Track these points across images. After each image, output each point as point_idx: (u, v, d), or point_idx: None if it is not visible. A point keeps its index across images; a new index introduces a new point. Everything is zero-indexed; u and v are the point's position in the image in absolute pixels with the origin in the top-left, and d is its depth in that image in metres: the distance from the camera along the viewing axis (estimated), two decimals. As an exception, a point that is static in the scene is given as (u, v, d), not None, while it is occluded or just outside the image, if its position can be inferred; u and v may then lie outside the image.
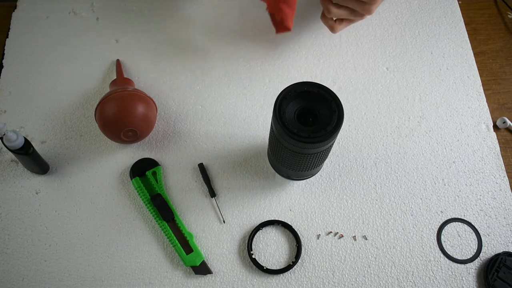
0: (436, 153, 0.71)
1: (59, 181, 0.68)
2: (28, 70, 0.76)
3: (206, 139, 0.72)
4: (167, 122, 0.73)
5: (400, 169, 0.70)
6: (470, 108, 0.75)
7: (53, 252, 0.63)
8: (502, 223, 0.67)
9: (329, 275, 0.63)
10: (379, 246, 0.65)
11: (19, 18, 0.81)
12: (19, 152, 0.61)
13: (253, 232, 0.65)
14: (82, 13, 0.81)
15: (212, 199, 0.67)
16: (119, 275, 0.62)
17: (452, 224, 0.67)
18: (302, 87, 0.56)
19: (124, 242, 0.64)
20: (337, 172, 0.70)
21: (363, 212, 0.67)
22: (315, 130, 0.54)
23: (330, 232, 0.66)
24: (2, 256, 0.63)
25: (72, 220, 0.65)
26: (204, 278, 0.62)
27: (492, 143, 0.72)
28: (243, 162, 0.70)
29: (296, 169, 0.62)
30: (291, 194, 0.68)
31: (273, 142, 0.60)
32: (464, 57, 0.79)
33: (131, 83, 0.72)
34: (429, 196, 0.68)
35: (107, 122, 0.65)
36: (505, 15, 0.86)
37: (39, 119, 0.72)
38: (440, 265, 0.64)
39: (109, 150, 0.70)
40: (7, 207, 0.66)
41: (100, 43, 0.79)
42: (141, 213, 0.66)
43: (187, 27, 0.80)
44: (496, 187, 0.69)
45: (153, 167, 0.68)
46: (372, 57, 0.79)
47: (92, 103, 0.73)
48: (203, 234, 0.65)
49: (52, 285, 0.62)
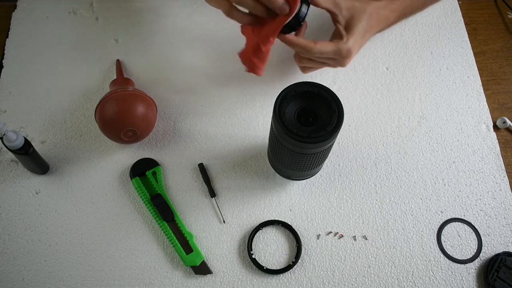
0: (436, 153, 0.71)
1: (59, 181, 0.68)
2: (28, 70, 0.76)
3: (206, 139, 0.72)
4: (167, 122, 0.73)
5: (400, 169, 0.70)
6: (470, 108, 0.75)
7: (53, 252, 0.63)
8: (502, 223, 0.67)
9: (329, 275, 0.63)
10: (379, 246, 0.65)
11: (19, 18, 0.81)
12: (19, 152, 0.61)
13: (253, 232, 0.65)
14: (82, 13, 0.81)
15: (212, 199, 0.67)
16: (119, 275, 0.62)
17: (452, 224, 0.67)
18: (302, 87, 0.56)
19: (124, 242, 0.64)
20: (337, 172, 0.70)
21: (363, 212, 0.67)
22: (315, 130, 0.54)
23: (330, 232, 0.66)
24: (2, 256, 0.63)
25: (72, 220, 0.65)
26: (204, 278, 0.62)
27: (492, 143, 0.72)
28: (243, 162, 0.70)
29: (296, 169, 0.62)
30: (291, 194, 0.68)
31: (273, 142, 0.60)
32: (464, 57, 0.79)
33: (131, 83, 0.72)
34: (429, 196, 0.68)
35: (107, 122, 0.65)
36: (505, 15, 0.86)
37: (39, 119, 0.72)
38: (440, 265, 0.64)
39: (109, 150, 0.70)
40: (7, 207, 0.66)
41: (100, 43, 0.79)
42: (141, 213, 0.66)
43: (187, 27, 0.80)
44: (496, 187, 0.69)
45: (153, 167, 0.68)
46: (372, 57, 0.79)
47: (92, 103, 0.73)
48: (203, 234, 0.65)
49: (52, 285, 0.62)
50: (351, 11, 0.65)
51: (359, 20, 0.65)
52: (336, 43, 0.64)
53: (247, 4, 0.59)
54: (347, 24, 0.65)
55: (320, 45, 0.63)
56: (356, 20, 0.65)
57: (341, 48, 0.64)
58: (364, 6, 0.66)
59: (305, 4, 0.60)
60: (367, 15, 0.66)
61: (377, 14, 0.68)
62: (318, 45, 0.62)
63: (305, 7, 0.60)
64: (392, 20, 0.71)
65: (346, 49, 0.64)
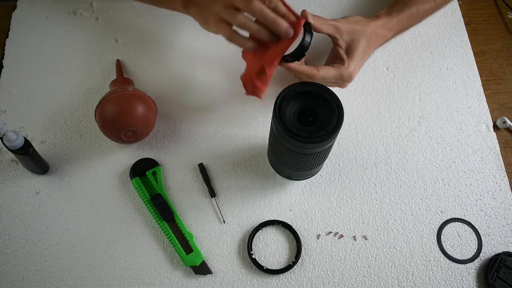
0: (436, 153, 0.71)
1: (59, 181, 0.68)
2: (28, 70, 0.76)
3: (206, 139, 0.72)
4: (167, 122, 0.73)
5: (400, 169, 0.70)
6: (470, 108, 0.75)
7: (53, 252, 0.63)
8: (502, 223, 0.67)
9: (329, 275, 0.63)
10: (379, 246, 0.65)
11: (19, 18, 0.81)
12: (19, 152, 0.61)
13: (253, 232, 0.65)
14: (82, 13, 0.81)
15: (212, 199, 0.67)
16: (119, 275, 0.62)
17: (452, 224, 0.67)
18: (302, 87, 0.56)
19: (124, 242, 0.64)
20: (337, 172, 0.70)
21: (363, 212, 0.67)
22: (315, 130, 0.54)
23: (330, 232, 0.66)
24: (2, 256, 0.63)
25: (72, 220, 0.65)
26: (204, 278, 0.62)
27: (492, 143, 0.72)
28: (243, 162, 0.70)
29: (296, 169, 0.62)
30: (291, 194, 0.68)
31: (273, 142, 0.60)
32: (464, 57, 0.79)
33: (131, 83, 0.72)
34: (429, 196, 0.68)
35: (107, 122, 0.65)
36: (505, 15, 0.86)
37: (39, 119, 0.72)
38: (440, 265, 0.64)
39: (109, 150, 0.70)
40: (7, 207, 0.66)
41: (100, 43, 0.79)
42: (141, 213, 0.66)
43: (187, 27, 0.80)
44: (496, 187, 0.69)
45: (153, 167, 0.68)
46: (372, 57, 0.78)
47: (92, 103, 0.73)
48: (203, 234, 0.65)
49: (52, 285, 0.62)
50: (351, 35, 0.66)
51: (359, 43, 0.66)
52: (338, 68, 0.65)
53: (251, 28, 0.60)
54: (347, 47, 0.66)
55: (323, 71, 0.64)
56: (356, 43, 0.66)
57: (343, 73, 0.65)
58: (363, 28, 0.67)
59: (308, 34, 0.60)
60: (366, 37, 0.67)
61: (375, 34, 0.69)
62: (320, 72, 0.64)
63: (308, 37, 0.61)
64: (389, 37, 0.73)
65: (348, 73, 0.65)
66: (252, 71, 0.63)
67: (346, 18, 0.68)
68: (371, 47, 0.69)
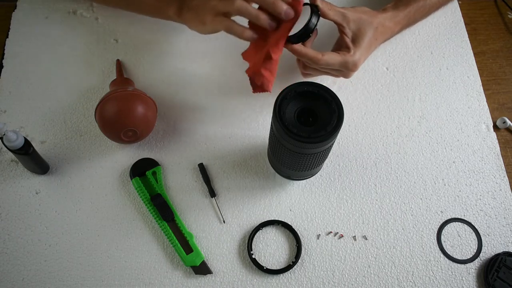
0: (436, 153, 0.71)
1: (59, 181, 0.68)
2: (28, 70, 0.76)
3: (206, 139, 0.72)
4: (167, 122, 0.73)
5: (400, 169, 0.70)
6: (470, 108, 0.75)
7: (53, 252, 0.63)
8: (502, 223, 0.67)
9: (329, 275, 0.63)
10: (379, 246, 0.65)
11: (19, 18, 0.81)
12: (19, 152, 0.61)
13: (253, 232, 0.65)
14: (82, 13, 0.81)
15: (212, 199, 0.67)
16: (119, 275, 0.62)
17: (452, 224, 0.67)
18: (302, 87, 0.56)
19: (124, 242, 0.64)
20: (337, 172, 0.70)
21: (363, 212, 0.67)
22: (315, 130, 0.54)
23: (330, 232, 0.66)
24: (2, 256, 0.63)
25: (72, 220, 0.65)
26: (204, 278, 0.63)
27: (492, 143, 0.72)
28: (243, 162, 0.70)
29: (296, 169, 0.62)
30: (291, 194, 0.68)
31: (273, 142, 0.60)
32: (464, 57, 0.79)
33: (131, 83, 0.72)
34: (429, 196, 0.68)
35: (107, 122, 0.65)
36: (505, 15, 0.86)
37: (39, 119, 0.72)
38: (440, 265, 0.64)
39: (109, 150, 0.70)
40: (7, 207, 0.66)
41: (100, 43, 0.79)
42: (141, 213, 0.66)
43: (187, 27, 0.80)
44: (496, 187, 0.69)
45: (153, 167, 0.68)
46: (372, 57, 0.78)
47: (92, 103, 0.73)
48: (203, 234, 0.65)
49: (52, 285, 0.62)
50: (358, 24, 0.66)
51: (366, 33, 0.66)
52: (343, 55, 0.64)
53: (250, 12, 0.59)
54: (354, 36, 0.66)
55: (327, 56, 0.63)
56: (362, 33, 0.66)
57: (348, 60, 0.64)
58: (371, 19, 0.67)
59: (315, 15, 0.60)
60: (373, 28, 0.67)
61: (383, 26, 0.68)
62: (325, 57, 0.63)
63: (315, 18, 0.60)
64: (396, 31, 0.73)
65: (353, 62, 0.65)
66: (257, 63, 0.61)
67: (354, 7, 0.67)
68: (378, 38, 0.68)
